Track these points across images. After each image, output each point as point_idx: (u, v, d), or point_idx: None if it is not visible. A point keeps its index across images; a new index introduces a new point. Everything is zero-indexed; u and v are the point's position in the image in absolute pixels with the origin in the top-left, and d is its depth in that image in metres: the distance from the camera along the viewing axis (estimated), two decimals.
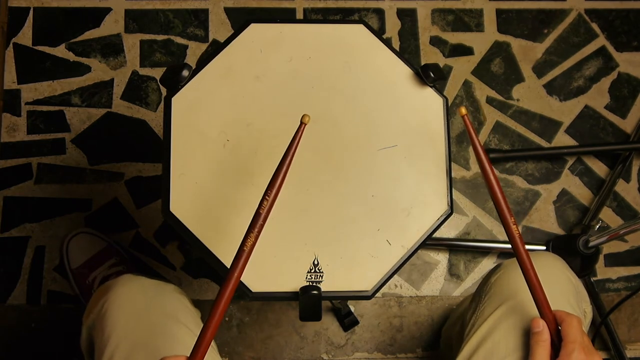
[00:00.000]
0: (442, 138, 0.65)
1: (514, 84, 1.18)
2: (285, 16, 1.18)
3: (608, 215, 1.14)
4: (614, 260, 1.13)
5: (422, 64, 0.65)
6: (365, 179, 0.63)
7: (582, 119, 1.18)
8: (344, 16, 1.19)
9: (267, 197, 0.52)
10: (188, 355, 0.51)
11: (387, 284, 0.62)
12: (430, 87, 0.66)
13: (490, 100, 1.17)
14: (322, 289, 0.60)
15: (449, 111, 0.66)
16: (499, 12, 1.21)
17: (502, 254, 1.12)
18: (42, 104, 1.13)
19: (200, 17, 1.17)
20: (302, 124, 0.54)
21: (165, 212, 0.61)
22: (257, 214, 0.52)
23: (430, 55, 1.18)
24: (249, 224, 0.52)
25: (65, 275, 1.06)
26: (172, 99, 0.64)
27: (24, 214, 1.09)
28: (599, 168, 1.16)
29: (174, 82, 0.63)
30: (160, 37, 1.16)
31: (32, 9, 1.16)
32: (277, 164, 0.63)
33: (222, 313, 0.51)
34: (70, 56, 1.15)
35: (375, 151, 0.64)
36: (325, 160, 0.64)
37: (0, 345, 1.04)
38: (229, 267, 0.60)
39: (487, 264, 1.11)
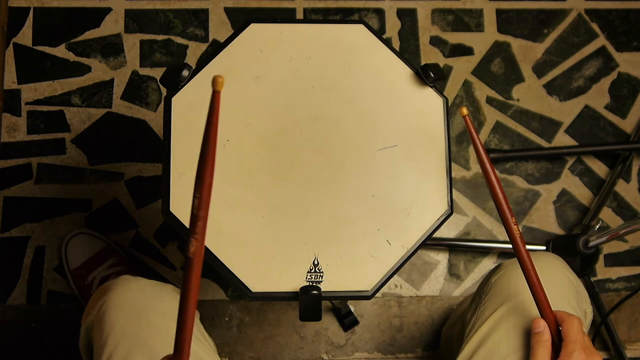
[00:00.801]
0: (442, 138, 0.65)
1: (514, 84, 1.18)
2: (285, 16, 1.18)
3: (608, 215, 1.14)
4: (614, 260, 1.13)
5: (422, 64, 0.65)
6: (365, 179, 0.63)
7: (582, 119, 1.18)
8: (344, 16, 1.19)
9: (196, 195, 0.42)
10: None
11: (387, 284, 0.62)
12: (430, 87, 0.66)
13: (490, 100, 1.17)
14: (322, 289, 0.60)
15: (449, 111, 0.66)
16: (499, 12, 1.21)
17: (502, 254, 1.12)
18: (42, 104, 1.13)
19: (200, 17, 1.17)
20: (215, 91, 0.39)
21: (165, 212, 0.61)
22: (192, 216, 0.43)
23: (430, 55, 1.18)
24: (249, 223, 0.52)
25: (64, 275, 1.06)
26: (172, 99, 0.64)
27: (24, 214, 1.09)
28: (599, 168, 1.16)
29: (174, 82, 0.63)
30: (160, 37, 1.16)
31: (32, 9, 1.16)
32: (277, 163, 0.63)
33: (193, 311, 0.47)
34: (70, 56, 1.15)
35: (375, 151, 0.64)
36: (326, 160, 0.64)
37: (0, 345, 1.04)
38: (228, 266, 0.60)
39: (487, 264, 1.11)
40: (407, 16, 1.19)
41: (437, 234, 0.71)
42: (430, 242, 1.10)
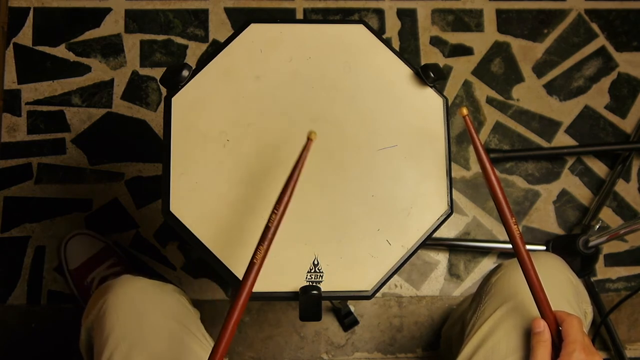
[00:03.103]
0: (442, 138, 0.65)
1: (514, 84, 1.18)
2: (285, 16, 1.18)
3: (608, 215, 1.14)
4: (614, 260, 1.13)
5: (422, 64, 0.65)
6: (366, 179, 0.63)
7: (582, 119, 1.18)
8: (344, 16, 1.19)
9: (275, 211, 0.52)
10: None
11: (387, 284, 0.62)
12: (430, 87, 0.66)
13: (490, 100, 1.17)
14: (322, 289, 0.60)
15: (449, 111, 0.66)
16: (499, 12, 1.21)
17: (502, 254, 1.12)
18: (42, 104, 1.13)
19: (200, 17, 1.17)
20: (309, 140, 0.53)
21: (165, 212, 0.61)
22: (266, 228, 0.52)
23: (430, 55, 1.18)
24: (249, 224, 0.52)
25: (64, 276, 1.06)
26: (172, 99, 0.64)
27: (24, 214, 1.09)
28: (599, 168, 1.16)
29: (174, 82, 0.63)
30: (160, 37, 1.16)
31: (32, 9, 1.16)
32: (277, 163, 0.63)
33: (236, 325, 0.51)
34: (70, 56, 1.15)
35: (375, 151, 0.64)
36: (326, 160, 0.64)
37: (0, 345, 1.04)
38: (228, 266, 0.60)
39: (487, 264, 1.11)
40: (407, 16, 1.19)
41: (437, 234, 0.71)
42: (430, 242, 1.10)
